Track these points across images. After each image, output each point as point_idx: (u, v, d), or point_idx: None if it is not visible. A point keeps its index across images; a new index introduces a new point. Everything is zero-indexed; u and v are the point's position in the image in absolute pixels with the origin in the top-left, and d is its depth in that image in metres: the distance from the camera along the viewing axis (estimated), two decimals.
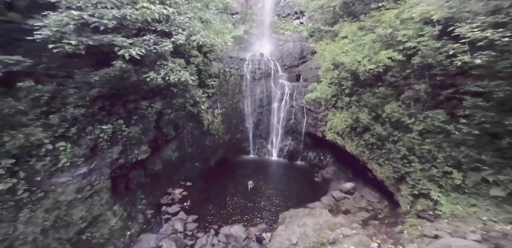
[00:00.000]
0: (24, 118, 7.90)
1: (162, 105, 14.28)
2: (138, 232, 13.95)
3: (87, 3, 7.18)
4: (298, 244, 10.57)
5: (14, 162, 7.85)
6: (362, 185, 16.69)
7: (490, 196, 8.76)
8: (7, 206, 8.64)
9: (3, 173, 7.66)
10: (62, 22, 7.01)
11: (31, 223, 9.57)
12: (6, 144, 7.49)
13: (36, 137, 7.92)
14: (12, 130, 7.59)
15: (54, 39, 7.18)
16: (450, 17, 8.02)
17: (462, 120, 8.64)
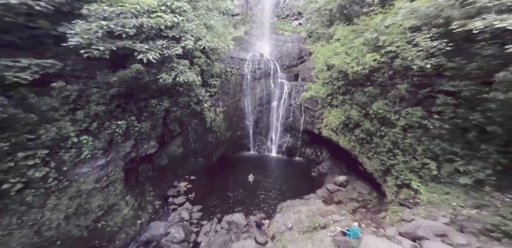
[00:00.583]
0: (56, 114, 9.19)
1: (169, 103, 15.54)
2: (147, 221, 15.30)
3: (112, 14, 8.40)
4: (293, 228, 11.89)
5: (47, 152, 9.14)
6: (354, 178, 18.01)
7: (460, 184, 10.04)
8: (38, 193, 9.90)
9: (39, 162, 8.96)
10: (91, 31, 8.23)
11: (56, 210, 10.84)
12: (41, 137, 8.79)
13: (66, 130, 9.20)
14: (47, 124, 8.88)
15: (85, 45, 8.41)
16: (416, 27, 9.25)
17: (435, 116, 9.92)
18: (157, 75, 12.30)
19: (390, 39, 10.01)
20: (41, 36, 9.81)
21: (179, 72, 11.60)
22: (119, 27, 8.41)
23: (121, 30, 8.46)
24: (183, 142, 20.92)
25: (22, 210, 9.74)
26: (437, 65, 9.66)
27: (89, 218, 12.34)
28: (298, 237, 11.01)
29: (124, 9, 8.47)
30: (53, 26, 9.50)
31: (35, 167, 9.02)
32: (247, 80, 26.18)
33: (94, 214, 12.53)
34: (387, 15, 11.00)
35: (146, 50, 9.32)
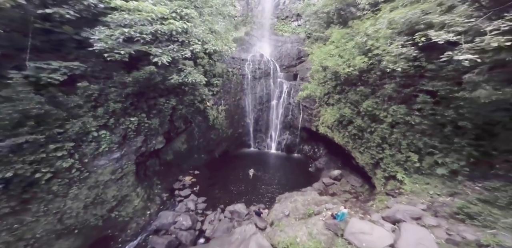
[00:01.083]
0: (80, 110, 10.40)
1: (175, 102, 16.76)
2: (156, 211, 16.55)
3: (131, 22, 9.57)
4: (290, 215, 13.18)
5: (72, 145, 10.37)
6: (348, 172, 19.33)
7: (438, 175, 11.33)
8: (63, 183, 11.07)
9: (66, 153, 10.19)
10: (114, 36, 9.42)
11: (77, 199, 11.96)
12: (68, 131, 10.00)
13: (89, 125, 10.42)
14: (73, 120, 10.10)
15: (108, 50, 9.60)
16: (393, 36, 10.46)
17: (416, 113, 11.19)
18: (165, 75, 13.53)
19: (376, 44, 11.24)
20: (65, 40, 11.00)
21: (188, 73, 12.83)
22: (137, 33, 9.61)
23: (139, 36, 9.67)
24: (187, 139, 22.16)
25: (49, 198, 10.89)
26: (419, 66, 10.95)
27: (104, 208, 13.50)
28: (294, 222, 12.30)
29: (141, 17, 9.65)
30: (76, 31, 10.67)
31: (63, 158, 10.24)
32: (247, 79, 27.36)
33: (109, 204, 13.70)
34: (375, 21, 12.22)
35: (160, 53, 10.52)
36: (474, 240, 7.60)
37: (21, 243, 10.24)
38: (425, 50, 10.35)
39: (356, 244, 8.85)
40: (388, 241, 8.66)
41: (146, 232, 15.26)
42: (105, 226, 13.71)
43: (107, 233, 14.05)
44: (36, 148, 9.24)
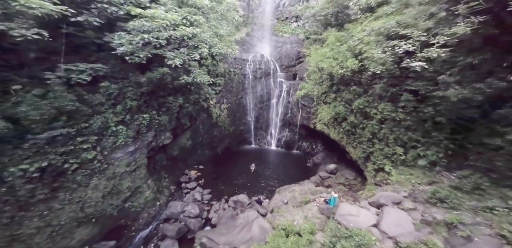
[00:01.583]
0: (102, 107, 11.75)
1: (183, 100, 18.11)
2: (165, 202, 17.92)
3: (149, 28, 10.89)
4: (288, 203, 14.64)
5: (96, 138, 11.74)
6: (343, 166, 20.78)
7: (420, 166, 12.74)
8: (85, 174, 12.39)
9: (90, 146, 11.57)
10: (134, 41, 10.75)
11: (96, 189, 13.26)
12: (92, 125, 11.37)
13: (110, 120, 11.79)
14: (97, 115, 11.46)
15: (129, 53, 10.93)
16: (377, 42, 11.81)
17: (400, 110, 12.59)
18: (174, 76, 14.88)
19: (365, 48, 12.59)
20: (87, 44, 12.32)
21: (197, 74, 14.20)
22: (154, 39, 10.93)
23: (156, 41, 10.99)
24: (192, 135, 23.54)
25: (73, 187, 12.18)
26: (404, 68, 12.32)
27: (119, 198, 14.79)
28: (292, 209, 13.73)
29: (158, 24, 10.96)
30: (97, 35, 11.98)
31: (87, 150, 11.61)
32: (248, 79, 28.70)
33: (123, 195, 14.99)
34: (362, 27, 13.56)
35: (173, 56, 11.85)
36: (442, 219, 9.02)
37: (48, 229, 11.56)
38: (410, 53, 11.72)
39: (344, 224, 10.27)
40: (372, 221, 10.08)
41: (157, 221, 16.65)
42: (119, 216, 15.01)
43: (120, 222, 15.37)
44: (66, 141, 10.61)
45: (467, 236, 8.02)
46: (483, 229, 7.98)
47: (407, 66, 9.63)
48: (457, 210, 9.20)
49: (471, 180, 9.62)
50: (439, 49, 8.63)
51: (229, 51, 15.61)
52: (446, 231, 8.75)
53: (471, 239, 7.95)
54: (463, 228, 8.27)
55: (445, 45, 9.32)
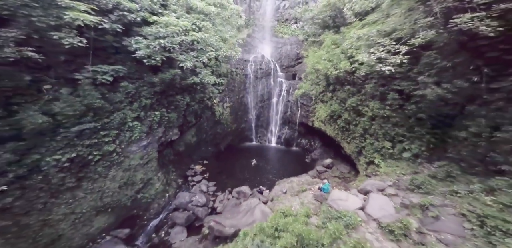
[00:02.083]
0: (121, 105, 13.26)
1: (189, 99, 19.61)
2: (174, 194, 19.42)
3: (164, 34, 12.38)
4: (287, 193, 16.19)
5: (116, 133, 13.26)
6: (339, 161, 22.32)
7: (405, 159, 14.24)
8: (105, 165, 13.87)
9: (111, 139, 13.09)
10: (151, 46, 12.23)
11: (114, 180, 14.70)
12: (113, 121, 12.89)
13: (128, 117, 13.30)
14: (117, 112, 12.98)
15: (146, 56, 12.42)
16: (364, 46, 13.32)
17: (387, 107, 14.10)
18: (182, 76, 16.36)
19: (354, 52, 14.08)
20: (106, 47, 13.81)
21: (204, 75, 15.72)
22: (169, 43, 12.42)
23: (170, 46, 12.49)
24: (196, 132, 25.07)
25: (95, 178, 13.62)
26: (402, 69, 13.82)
27: (133, 189, 16.17)
28: (290, 197, 15.25)
29: (172, 30, 12.44)
30: (115, 39, 13.45)
31: (108, 143, 13.13)
32: (250, 79, 30.18)
33: (137, 186, 16.39)
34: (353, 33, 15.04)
35: (184, 59, 13.34)
36: (417, 203, 10.52)
37: (72, 216, 12.87)
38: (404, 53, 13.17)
39: (335, 208, 11.78)
40: (359, 205, 11.59)
41: (167, 211, 18.18)
42: (132, 206, 16.33)
43: (133, 213, 16.76)
44: (91, 134, 12.13)
45: (436, 216, 9.54)
46: (448, 210, 9.51)
47: (379, 70, 11.14)
48: (430, 194, 10.72)
49: (445, 169, 11.12)
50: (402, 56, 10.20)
51: (232, 54, 17.10)
52: (421, 212, 10.27)
53: (439, 218, 9.47)
54: (433, 209, 9.79)
55: (428, 49, 10.79)
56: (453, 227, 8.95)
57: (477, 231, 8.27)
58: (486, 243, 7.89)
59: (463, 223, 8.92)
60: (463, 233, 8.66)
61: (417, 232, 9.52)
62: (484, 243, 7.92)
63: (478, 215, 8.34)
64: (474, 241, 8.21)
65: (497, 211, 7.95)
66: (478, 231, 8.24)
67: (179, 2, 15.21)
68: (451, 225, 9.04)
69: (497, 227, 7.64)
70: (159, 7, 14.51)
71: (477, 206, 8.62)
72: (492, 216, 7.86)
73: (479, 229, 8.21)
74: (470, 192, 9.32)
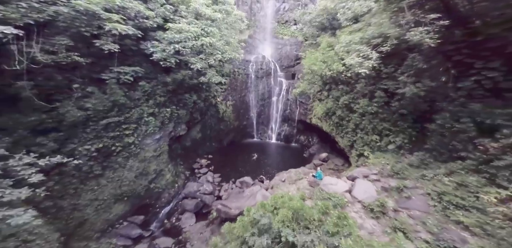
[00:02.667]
0: (139, 102, 15.21)
1: (196, 97, 21.54)
2: (182, 184, 21.38)
3: (179, 39, 14.30)
4: (285, 181, 18.12)
5: (135, 126, 15.21)
6: (334, 155, 24.26)
7: (390, 150, 16.12)
8: (124, 156, 15.81)
9: (131, 132, 15.03)
10: (168, 50, 14.14)
11: (131, 170, 16.57)
12: (132, 116, 14.83)
13: (144, 112, 15.24)
14: (136, 108, 14.93)
15: (162, 59, 14.33)
16: None
17: (374, 104, 16.00)
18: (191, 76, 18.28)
19: (346, 55, 15.97)
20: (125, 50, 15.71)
21: (211, 75, 17.68)
22: (182, 47, 14.34)
23: (183, 50, 14.40)
24: (201, 128, 27.03)
25: (116, 167, 15.54)
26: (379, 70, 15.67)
27: (147, 179, 17.95)
28: (288, 185, 17.22)
29: (184, 36, 14.35)
30: (133, 43, 15.34)
31: (128, 136, 15.07)
32: (251, 78, 32.06)
33: (150, 176, 18.20)
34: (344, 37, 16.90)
35: (195, 61, 15.26)
36: (395, 186, 12.46)
37: (96, 202, 14.73)
38: (385, 58, 15.06)
39: (326, 191, 13.70)
40: (346, 188, 13.51)
41: (177, 199, 20.12)
42: (145, 195, 18.15)
43: (145, 202, 18.62)
44: (115, 127, 14.08)
45: (408, 196, 11.49)
46: (418, 191, 11.46)
47: (357, 72, 13.13)
48: (406, 179, 12.65)
49: (420, 158, 13.05)
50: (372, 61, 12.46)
51: (236, 56, 19.01)
52: (397, 194, 12.22)
53: (410, 198, 11.41)
54: (407, 191, 11.73)
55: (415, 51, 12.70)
56: (421, 205, 10.91)
57: (437, 207, 10.23)
58: (443, 215, 9.85)
59: (428, 201, 10.88)
60: (428, 209, 10.63)
61: (393, 210, 11.50)
62: (442, 216, 9.89)
63: (438, 193, 10.28)
64: (435, 215, 10.19)
65: (452, 189, 9.87)
66: (438, 206, 10.21)
67: (189, 9, 17.08)
68: (419, 203, 10.99)
69: (450, 201, 9.58)
70: (171, 14, 16.43)
71: (438, 186, 10.56)
72: (447, 193, 9.80)
73: (438, 205, 10.17)
74: (435, 175, 11.25)
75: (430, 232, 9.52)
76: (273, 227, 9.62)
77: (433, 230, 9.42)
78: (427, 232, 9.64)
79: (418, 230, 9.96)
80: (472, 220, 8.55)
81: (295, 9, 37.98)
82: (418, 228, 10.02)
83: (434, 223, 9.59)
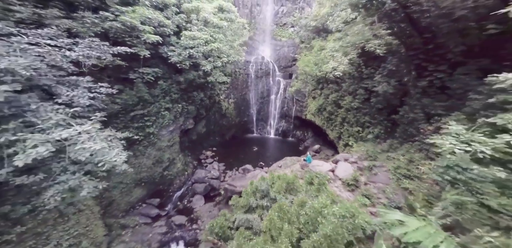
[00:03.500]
0: (157, 98, 18.40)
1: (203, 94, 24.72)
2: (191, 173, 24.51)
3: (193, 45, 17.47)
4: (282, 167, 21.38)
5: (154, 119, 18.37)
6: (326, 147, 27.57)
7: (370, 139, 19.39)
8: (144, 145, 18.94)
9: (151, 123, 18.18)
10: (184, 54, 17.30)
11: (148, 158, 19.70)
12: (152, 110, 18.00)
13: (162, 107, 18.46)
14: (155, 103, 18.12)
15: (179, 62, 17.49)
16: None
17: (356, 100, 19.29)
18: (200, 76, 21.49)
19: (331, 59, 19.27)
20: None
21: (218, 76, 20.90)
22: (195, 52, 17.50)
23: (196, 54, 17.58)
24: (206, 124, 30.21)
25: (137, 155, 18.68)
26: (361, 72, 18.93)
27: (161, 167, 21.08)
28: (284, 169, 20.47)
29: (197, 42, 17.51)
30: (152, 47, 18.46)
31: (149, 127, 18.22)
32: (251, 78, 35.25)
33: (164, 164, 21.36)
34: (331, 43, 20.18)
35: (205, 64, 18.44)
36: (367, 166, 15.74)
37: (121, 185, 17.76)
38: (367, 61, 18.35)
39: (314, 170, 16.96)
40: (329, 168, 16.78)
41: (187, 185, 23.27)
42: (159, 182, 21.13)
43: (159, 188, 21.70)
44: (139, 119, 17.24)
45: (375, 173, 14.76)
46: (383, 168, 14.76)
47: (334, 74, 16.44)
48: (376, 160, 15.95)
49: (389, 144, 16.34)
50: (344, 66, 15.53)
51: (239, 59, 22.23)
52: (368, 172, 15.50)
53: (377, 174, 14.69)
54: (375, 169, 15.02)
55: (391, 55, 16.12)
56: (383, 178, 14.21)
57: (393, 179, 13.51)
58: (397, 185, 13.14)
59: (389, 175, 14.16)
60: (388, 182, 13.92)
61: (364, 183, 14.80)
62: (396, 185, 13.18)
63: (394, 168, 13.56)
64: (392, 185, 13.45)
65: (404, 164, 13.16)
66: (394, 178, 13.49)
67: (199, 18, 20.24)
68: (383, 177, 14.28)
69: (402, 173, 12.86)
70: (183, 22, 19.58)
71: (396, 163, 13.84)
72: (401, 167, 13.10)
73: (394, 177, 13.45)
74: (396, 155, 14.54)
75: (387, 198, 12.82)
76: (270, 194, 12.88)
77: (389, 196, 12.71)
78: (386, 198, 12.94)
79: (379, 197, 13.27)
80: (414, 185, 11.84)
81: (292, 12, 41.26)
82: (380, 195, 13.33)
83: (390, 191, 12.89)
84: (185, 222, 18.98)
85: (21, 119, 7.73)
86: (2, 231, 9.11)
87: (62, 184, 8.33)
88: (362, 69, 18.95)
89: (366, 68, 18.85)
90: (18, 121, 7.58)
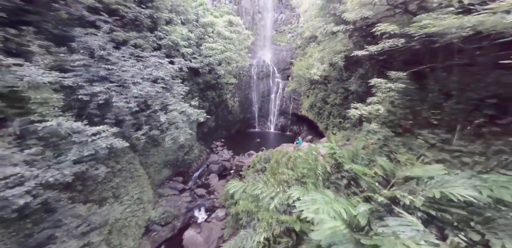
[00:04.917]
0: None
1: (214, 93, 31.12)
2: (205, 158, 30.82)
3: (211, 54, 23.87)
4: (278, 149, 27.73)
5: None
6: (317, 138, 33.95)
7: (350, 129, 25.74)
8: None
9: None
10: (205, 61, 23.68)
11: (174, 143, 26.06)
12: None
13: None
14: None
15: (200, 67, 23.89)
16: None
17: (338, 98, 25.69)
18: (212, 78, 27.89)
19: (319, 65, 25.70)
20: None
21: (229, 78, 27.30)
22: (213, 60, 23.87)
23: (213, 61, 23.95)
24: (215, 119, 36.54)
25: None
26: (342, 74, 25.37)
27: (183, 151, 27.45)
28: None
29: (214, 52, 23.88)
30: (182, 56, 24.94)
31: None
32: (253, 79, 41.66)
33: (185, 149, 27.67)
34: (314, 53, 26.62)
35: (220, 69, 24.80)
36: (340, 144, 22.10)
37: (155, 164, 24.16)
38: (347, 66, 24.82)
39: (301, 149, 23.23)
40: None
41: (203, 167, 29.56)
42: (180, 165, 27.41)
43: (179, 170, 28.08)
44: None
45: None
46: (350, 146, 21.09)
47: (314, 78, 22.86)
48: (348, 141, 22.29)
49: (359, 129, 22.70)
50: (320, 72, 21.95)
51: (245, 64, 28.69)
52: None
53: None
54: (345, 146, 21.32)
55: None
56: None
57: None
58: None
59: None
60: None
61: None
62: None
63: None
64: None
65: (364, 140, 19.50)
66: None
67: (214, 31, 26.72)
68: None
69: None
70: (202, 34, 26.02)
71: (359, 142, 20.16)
72: None
73: None
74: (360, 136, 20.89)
75: None
76: (271, 161, 19.21)
77: None
78: None
79: None
80: None
81: (290, 20, 47.95)
82: None
83: None
84: (204, 193, 25.23)
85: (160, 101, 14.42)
86: (110, 178, 15.37)
87: None
88: (343, 73, 25.42)
89: (345, 71, 25.33)
90: (160, 102, 14.14)
